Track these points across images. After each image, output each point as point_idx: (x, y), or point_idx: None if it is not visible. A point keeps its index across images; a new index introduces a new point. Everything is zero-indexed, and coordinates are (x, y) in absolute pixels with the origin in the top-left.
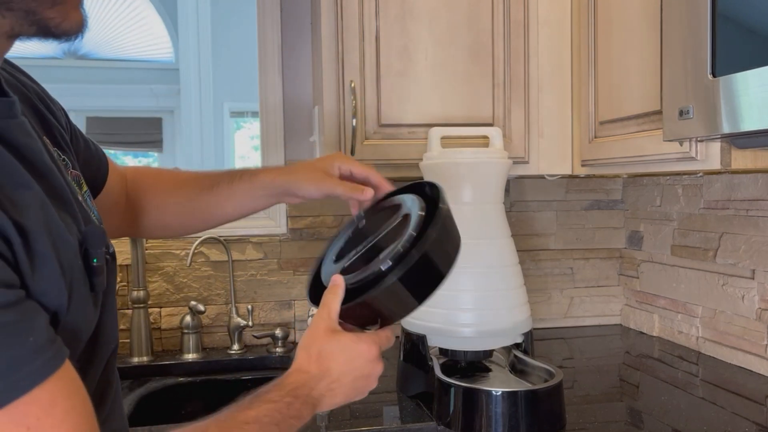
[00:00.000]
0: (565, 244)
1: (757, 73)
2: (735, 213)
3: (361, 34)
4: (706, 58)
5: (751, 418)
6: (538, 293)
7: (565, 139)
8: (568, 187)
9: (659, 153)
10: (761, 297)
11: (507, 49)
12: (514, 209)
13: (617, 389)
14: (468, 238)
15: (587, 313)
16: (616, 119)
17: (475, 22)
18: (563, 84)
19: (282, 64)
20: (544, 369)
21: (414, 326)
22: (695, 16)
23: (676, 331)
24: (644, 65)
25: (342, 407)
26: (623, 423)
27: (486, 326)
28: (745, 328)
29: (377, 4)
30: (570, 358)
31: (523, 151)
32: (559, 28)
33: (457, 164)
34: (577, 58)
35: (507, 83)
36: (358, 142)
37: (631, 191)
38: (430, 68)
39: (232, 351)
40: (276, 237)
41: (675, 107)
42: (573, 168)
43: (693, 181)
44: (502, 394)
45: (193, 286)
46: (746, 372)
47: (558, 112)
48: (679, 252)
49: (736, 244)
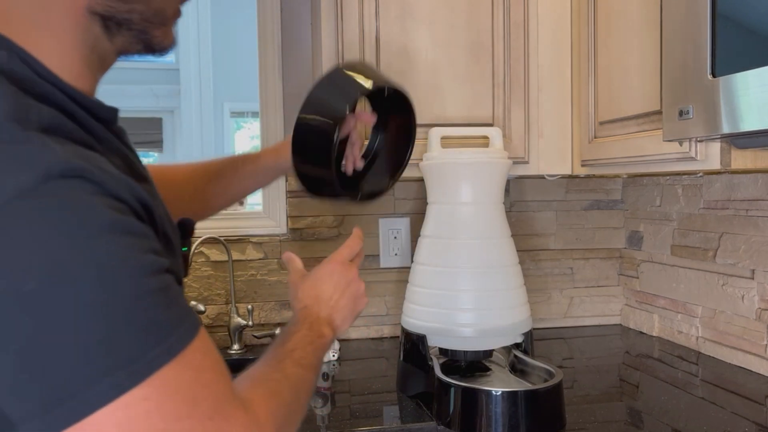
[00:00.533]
0: (565, 244)
1: (757, 73)
2: (735, 213)
3: (361, 34)
4: (706, 58)
5: (750, 418)
6: (538, 293)
7: (565, 139)
8: (568, 187)
9: (659, 153)
10: (761, 297)
11: (507, 49)
12: (514, 209)
13: (617, 389)
14: (468, 238)
15: (587, 313)
16: (616, 119)
17: (475, 22)
18: (563, 84)
19: (282, 64)
20: (544, 369)
21: (414, 326)
22: (695, 16)
23: (675, 331)
24: (644, 65)
25: (342, 407)
26: (623, 423)
27: (486, 326)
28: (744, 328)
29: (377, 4)
30: (570, 358)
31: (523, 151)
32: (559, 28)
33: (457, 164)
34: (577, 58)
35: (507, 83)
36: None
37: (631, 191)
38: (430, 68)
39: (233, 351)
40: (276, 237)
41: (675, 107)
42: (573, 168)
43: (693, 181)
44: (502, 394)
45: (193, 286)
46: (746, 372)
47: (558, 112)
48: (679, 252)
49: (736, 244)
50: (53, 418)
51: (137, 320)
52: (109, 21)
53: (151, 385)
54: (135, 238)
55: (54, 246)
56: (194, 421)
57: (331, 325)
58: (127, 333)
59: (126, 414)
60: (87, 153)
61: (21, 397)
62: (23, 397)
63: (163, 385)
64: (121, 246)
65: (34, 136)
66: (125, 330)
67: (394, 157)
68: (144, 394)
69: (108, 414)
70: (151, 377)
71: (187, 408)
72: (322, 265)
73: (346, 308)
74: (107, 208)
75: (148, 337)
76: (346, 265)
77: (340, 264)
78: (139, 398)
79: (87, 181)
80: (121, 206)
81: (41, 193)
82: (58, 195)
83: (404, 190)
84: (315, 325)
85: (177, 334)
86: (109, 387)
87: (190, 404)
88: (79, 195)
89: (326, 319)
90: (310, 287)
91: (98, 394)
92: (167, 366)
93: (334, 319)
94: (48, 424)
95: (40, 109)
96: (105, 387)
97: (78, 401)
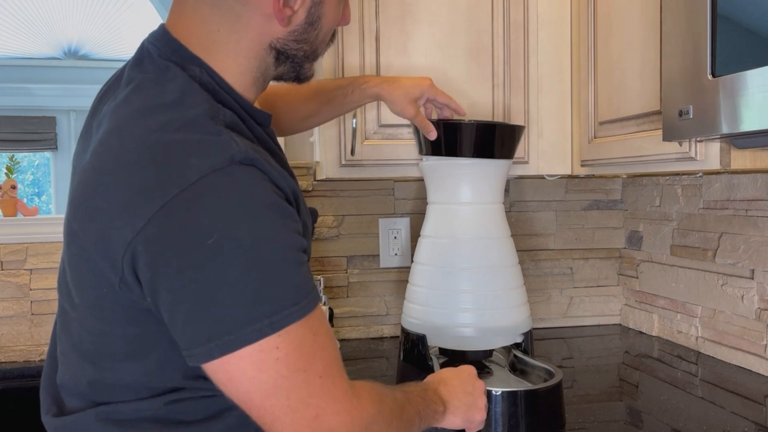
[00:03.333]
0: (565, 244)
1: (757, 73)
2: (734, 213)
3: (361, 34)
4: (706, 58)
5: (750, 418)
6: (538, 293)
7: (565, 139)
8: (567, 187)
9: (659, 153)
10: (760, 297)
11: (507, 50)
12: (514, 209)
13: (617, 389)
14: (468, 238)
15: (587, 312)
16: (616, 119)
17: (475, 23)
18: (563, 84)
19: None
20: (544, 369)
21: (414, 326)
22: (695, 16)
23: (675, 331)
24: (644, 65)
25: None
26: (623, 423)
27: (486, 326)
28: (744, 328)
29: (377, 4)
30: (569, 357)
31: (523, 151)
32: (559, 28)
33: (457, 165)
34: (576, 58)
35: (507, 84)
36: (358, 142)
37: (631, 191)
38: (429, 68)
39: None
40: None
41: (675, 107)
42: (572, 168)
43: (692, 181)
44: (502, 394)
45: None
46: (745, 372)
47: (558, 112)
48: (678, 252)
49: (736, 244)
50: (213, 347)
51: (281, 282)
52: (281, 55)
53: (282, 336)
54: (288, 219)
55: (230, 213)
56: (308, 375)
57: (445, 405)
58: (273, 290)
59: (261, 357)
60: (257, 147)
61: (191, 329)
62: (192, 329)
63: (291, 339)
64: (277, 222)
65: (224, 131)
66: (272, 287)
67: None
68: (276, 343)
69: (249, 353)
70: (284, 330)
71: (304, 362)
72: (459, 367)
73: (462, 405)
74: (271, 192)
75: (286, 297)
76: (477, 379)
77: (474, 375)
78: (273, 346)
79: (258, 170)
80: (279, 192)
81: (227, 173)
82: (239, 176)
83: (404, 190)
84: (435, 395)
85: (306, 301)
86: (253, 330)
87: (307, 360)
88: (253, 178)
89: (442, 397)
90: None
91: (246, 335)
92: (297, 323)
93: (449, 403)
94: (209, 351)
95: (225, 112)
96: (250, 330)
97: (232, 337)
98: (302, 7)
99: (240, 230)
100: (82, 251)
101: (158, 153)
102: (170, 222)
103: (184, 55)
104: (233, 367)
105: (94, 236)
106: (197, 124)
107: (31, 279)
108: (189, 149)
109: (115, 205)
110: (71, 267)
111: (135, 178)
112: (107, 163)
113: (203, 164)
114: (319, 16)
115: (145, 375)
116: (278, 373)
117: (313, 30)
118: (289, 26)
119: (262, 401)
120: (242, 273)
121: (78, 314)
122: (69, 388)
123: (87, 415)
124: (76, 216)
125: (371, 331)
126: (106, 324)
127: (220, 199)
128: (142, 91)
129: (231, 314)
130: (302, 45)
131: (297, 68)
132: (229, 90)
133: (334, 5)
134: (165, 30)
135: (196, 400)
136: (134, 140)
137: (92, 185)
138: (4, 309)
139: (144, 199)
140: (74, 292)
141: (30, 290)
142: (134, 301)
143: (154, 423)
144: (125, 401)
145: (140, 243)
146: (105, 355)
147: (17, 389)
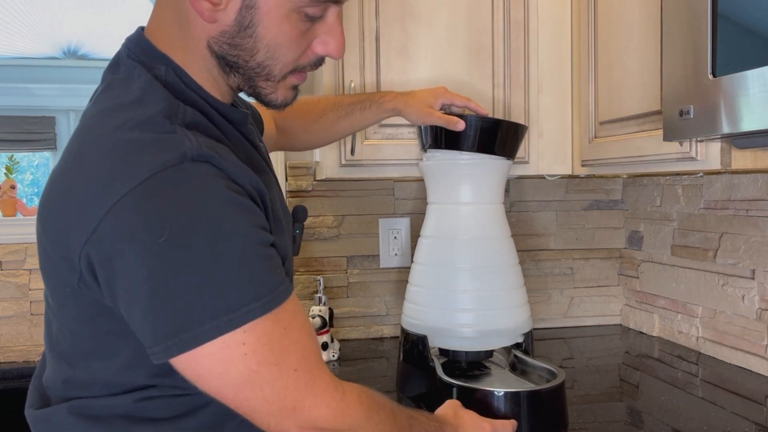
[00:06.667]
0: (565, 244)
1: (757, 73)
2: (735, 213)
3: (361, 34)
4: (706, 58)
5: (750, 418)
6: (538, 293)
7: (565, 139)
8: (567, 187)
9: (659, 153)
10: (761, 297)
11: (507, 49)
12: (514, 209)
13: (617, 389)
14: (468, 238)
15: (587, 313)
16: (616, 119)
17: (475, 22)
18: (563, 84)
19: None
20: (545, 369)
21: (414, 326)
22: (695, 16)
23: (675, 331)
24: (644, 65)
25: None
26: (623, 423)
27: (486, 326)
28: (744, 328)
29: (377, 4)
30: (570, 358)
31: (523, 151)
32: (559, 28)
33: (457, 164)
34: (577, 58)
35: (507, 83)
36: (358, 142)
37: (631, 191)
38: (430, 68)
39: None
40: None
41: (675, 107)
42: (573, 168)
43: (693, 181)
44: (505, 395)
45: None
46: (746, 372)
47: (558, 112)
48: (679, 252)
49: (736, 244)
50: (171, 344)
51: (239, 278)
52: (222, 60)
53: (248, 332)
54: (247, 214)
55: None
56: (282, 368)
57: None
58: (231, 286)
59: (227, 353)
60: (216, 145)
61: (149, 327)
62: (152, 326)
63: (259, 335)
64: (234, 218)
65: (178, 129)
66: (230, 284)
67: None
68: (242, 339)
69: (212, 350)
70: (247, 326)
71: (275, 356)
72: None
73: None
74: (225, 188)
75: (247, 292)
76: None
77: (491, 423)
78: (239, 342)
79: (212, 166)
80: (238, 188)
81: (178, 170)
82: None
83: (404, 190)
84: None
85: (271, 295)
86: (210, 328)
87: (279, 354)
88: (206, 175)
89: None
90: (462, 412)
91: (204, 332)
92: (261, 319)
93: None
94: (167, 348)
95: (185, 110)
96: (208, 327)
97: (191, 335)
98: (230, 6)
99: (192, 227)
100: (46, 252)
101: (113, 152)
102: (122, 221)
103: (153, 54)
104: (199, 364)
105: (54, 237)
106: (153, 122)
107: (31, 279)
108: (142, 148)
109: (73, 206)
110: (42, 269)
111: (91, 178)
112: (68, 164)
113: (154, 162)
114: (253, 22)
115: (117, 372)
116: (248, 368)
117: (247, 36)
118: (217, 25)
119: (235, 395)
120: (196, 270)
121: (54, 315)
122: (49, 386)
123: (60, 409)
124: (40, 218)
125: (371, 332)
126: (75, 323)
127: (170, 197)
128: (108, 92)
129: (186, 312)
130: (239, 52)
131: (252, 84)
132: (196, 88)
133: (277, 21)
134: (140, 31)
135: (168, 398)
136: (94, 140)
137: (54, 187)
138: (4, 309)
139: (97, 198)
140: (48, 294)
141: (29, 290)
142: (96, 300)
143: (125, 419)
144: (97, 396)
145: (94, 242)
146: (78, 354)
147: (17, 389)
